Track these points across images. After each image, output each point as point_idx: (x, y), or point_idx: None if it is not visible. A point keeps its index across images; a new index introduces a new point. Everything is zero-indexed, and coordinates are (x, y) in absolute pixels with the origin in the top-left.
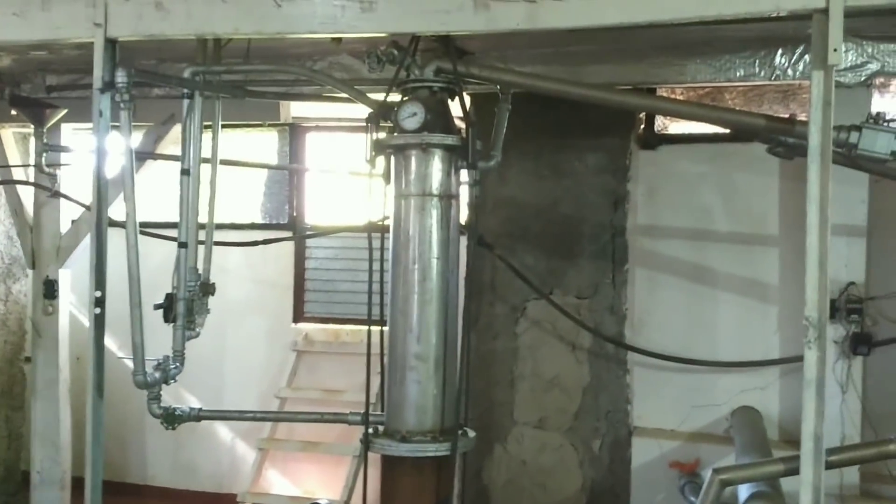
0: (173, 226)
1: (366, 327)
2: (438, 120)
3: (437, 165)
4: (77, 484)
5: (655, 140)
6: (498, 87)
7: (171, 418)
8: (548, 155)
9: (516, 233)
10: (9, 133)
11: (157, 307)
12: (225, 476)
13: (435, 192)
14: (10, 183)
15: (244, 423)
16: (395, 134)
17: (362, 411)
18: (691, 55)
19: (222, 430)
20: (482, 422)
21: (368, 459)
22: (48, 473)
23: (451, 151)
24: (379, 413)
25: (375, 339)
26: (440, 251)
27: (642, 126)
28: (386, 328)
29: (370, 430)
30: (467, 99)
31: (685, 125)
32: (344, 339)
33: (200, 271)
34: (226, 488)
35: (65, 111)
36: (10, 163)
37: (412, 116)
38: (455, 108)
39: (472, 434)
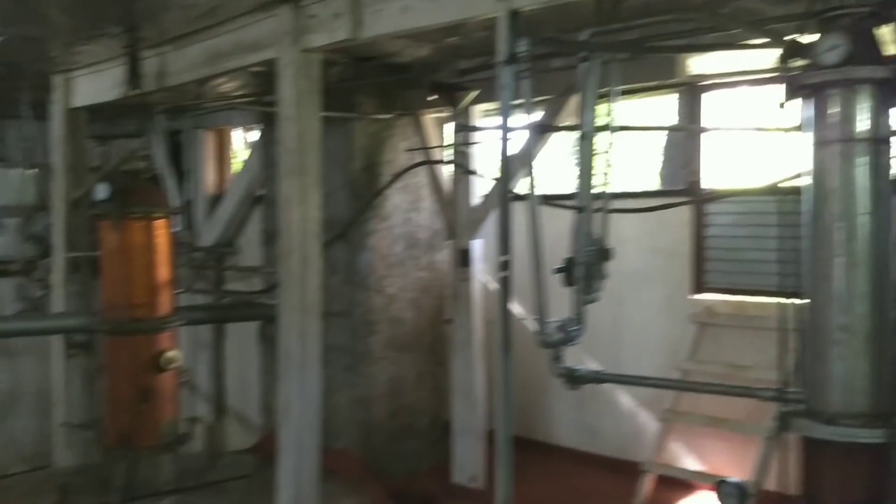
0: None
1: (775, 300)
2: (866, 51)
3: (864, 104)
4: (491, 436)
5: None
6: None
7: (573, 379)
8: None
9: None
10: (428, 119)
11: (556, 271)
12: (628, 443)
13: (862, 135)
14: (432, 163)
15: (644, 392)
16: (812, 72)
17: (774, 388)
18: None
19: (623, 397)
20: None
21: (782, 442)
22: (466, 424)
23: (881, 87)
24: (793, 391)
25: (789, 312)
26: (871, 205)
27: None
28: (802, 300)
29: (787, 409)
30: None
31: None
32: (751, 312)
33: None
34: (629, 455)
35: (475, 92)
36: (430, 146)
37: (833, 49)
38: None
39: None
